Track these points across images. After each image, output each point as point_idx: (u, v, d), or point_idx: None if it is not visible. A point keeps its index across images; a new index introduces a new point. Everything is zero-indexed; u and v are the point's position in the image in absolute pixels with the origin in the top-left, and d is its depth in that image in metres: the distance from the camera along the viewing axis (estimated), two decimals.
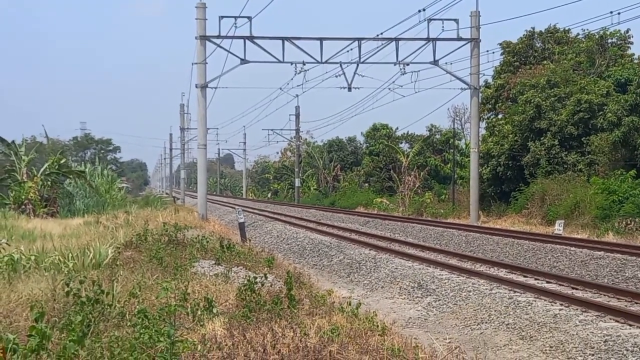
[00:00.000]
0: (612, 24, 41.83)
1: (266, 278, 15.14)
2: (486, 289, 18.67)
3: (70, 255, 18.48)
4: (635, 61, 48.47)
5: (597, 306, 15.72)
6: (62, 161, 50.24)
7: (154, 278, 15.59)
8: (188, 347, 9.74)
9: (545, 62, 52.83)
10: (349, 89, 46.45)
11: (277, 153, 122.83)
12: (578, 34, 53.89)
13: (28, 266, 17.28)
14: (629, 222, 33.89)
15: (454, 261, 24.92)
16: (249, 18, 43.29)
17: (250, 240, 32.12)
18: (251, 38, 43.70)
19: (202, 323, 11.52)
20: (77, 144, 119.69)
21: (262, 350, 9.88)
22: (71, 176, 50.74)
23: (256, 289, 13.53)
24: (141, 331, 9.93)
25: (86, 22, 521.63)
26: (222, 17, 43.77)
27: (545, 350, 13.37)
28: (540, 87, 46.28)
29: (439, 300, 18.48)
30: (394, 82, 48.24)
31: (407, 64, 45.27)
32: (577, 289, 18.76)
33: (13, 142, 49.66)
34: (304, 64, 45.02)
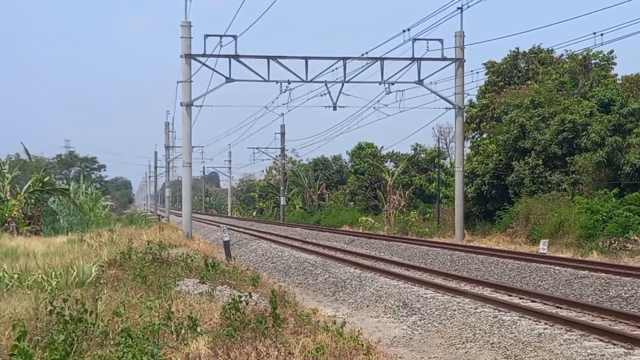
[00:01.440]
0: (595, 44, 42.01)
1: (251, 297, 15.08)
2: (471, 307, 18.66)
3: (53, 273, 18.38)
4: (619, 82, 48.76)
5: (581, 325, 15.74)
6: (45, 179, 50.06)
7: (138, 297, 15.52)
8: None
9: (529, 82, 53.11)
10: (334, 108, 46.53)
11: (263, 171, 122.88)
12: (562, 55, 54.27)
13: (11, 284, 17.17)
14: (612, 242, 34.01)
15: (439, 280, 24.92)
16: (234, 37, 43.38)
17: (235, 259, 32.03)
18: (236, 57, 43.75)
19: (186, 342, 11.47)
20: (61, 161, 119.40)
21: None
22: (55, 194, 50.55)
23: (241, 307, 13.48)
24: (125, 350, 9.88)
25: (70, 39, 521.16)
26: (208, 35, 43.84)
27: None
28: (524, 107, 46.49)
29: (424, 319, 18.46)
30: (379, 101, 48.42)
31: (392, 84, 45.43)
32: (561, 308, 18.78)
33: None
34: (289, 82, 45.11)
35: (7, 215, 44.33)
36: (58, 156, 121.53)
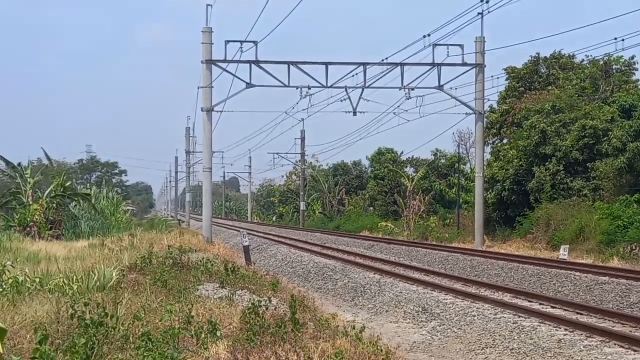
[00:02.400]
0: (616, 50, 41.84)
1: (270, 301, 15.13)
2: (490, 313, 18.63)
3: (74, 277, 18.48)
4: None
5: (601, 331, 15.68)
6: (67, 183, 50.35)
7: (158, 301, 15.59)
8: None
9: (549, 87, 52.94)
10: (354, 113, 46.60)
11: (282, 176, 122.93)
12: (583, 60, 54.06)
13: (32, 288, 17.28)
14: (633, 247, 33.82)
15: (458, 285, 24.88)
16: (255, 42, 43.53)
17: (254, 264, 32.09)
18: (257, 62, 43.88)
19: (205, 346, 11.52)
20: (83, 166, 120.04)
21: None
22: (76, 199, 50.82)
23: (260, 312, 13.52)
24: (145, 354, 9.94)
25: (90, 44, 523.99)
26: (228, 41, 44.03)
27: None
28: (545, 112, 46.34)
29: (444, 324, 18.44)
30: (399, 106, 48.43)
31: (412, 89, 45.45)
32: (581, 314, 18.71)
33: (19, 164, 49.81)
34: (309, 88, 45.24)
35: (29, 219, 44.61)
36: (79, 161, 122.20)
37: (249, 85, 44.61)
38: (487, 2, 38.92)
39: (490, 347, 15.72)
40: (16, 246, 33.38)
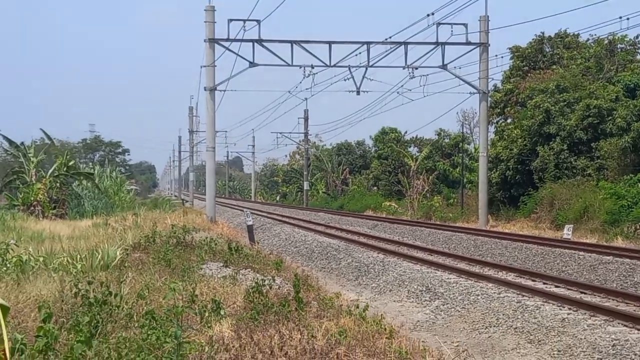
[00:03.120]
0: (621, 29, 41.67)
1: (274, 280, 15.14)
2: (494, 292, 18.63)
3: (78, 256, 18.52)
4: None
5: (605, 310, 15.68)
6: (70, 163, 50.37)
7: (162, 280, 15.62)
8: (195, 348, 9.75)
9: (554, 66, 52.75)
10: (358, 93, 46.52)
11: (286, 156, 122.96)
12: (587, 39, 53.83)
13: (36, 267, 17.31)
14: (637, 227, 33.78)
15: (462, 265, 24.89)
16: (258, 21, 43.38)
17: (258, 243, 32.13)
18: (260, 41, 43.75)
19: (209, 325, 11.53)
20: (86, 146, 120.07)
21: (269, 352, 9.89)
22: (80, 178, 50.85)
23: (264, 291, 13.54)
24: (149, 332, 9.94)
25: (94, 24, 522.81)
26: (231, 20, 43.89)
27: (553, 354, 13.34)
28: (549, 92, 46.20)
29: (447, 303, 18.45)
30: (402, 85, 48.34)
31: (416, 68, 45.32)
32: (585, 293, 18.71)
33: (22, 143, 49.83)
34: (312, 67, 45.10)
35: (32, 198, 44.69)
36: (83, 140, 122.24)
37: (252, 64, 44.50)
38: None
39: (494, 326, 15.73)
40: (20, 225, 33.45)
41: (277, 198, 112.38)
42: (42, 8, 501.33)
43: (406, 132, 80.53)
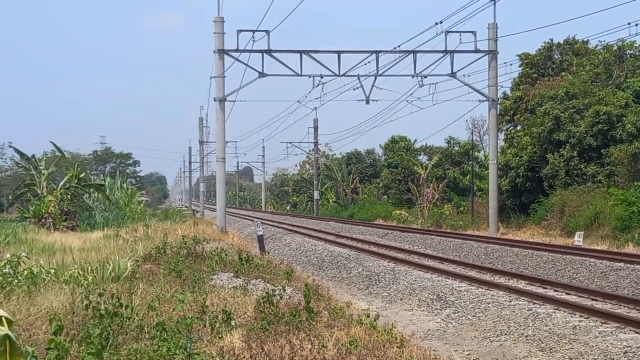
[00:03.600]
0: (630, 35, 41.66)
1: (285, 290, 15.15)
2: (505, 300, 18.60)
3: (89, 268, 18.56)
4: None
5: (617, 317, 15.64)
6: (81, 175, 50.52)
7: (173, 291, 15.64)
8: (206, 359, 9.76)
9: (563, 73, 52.71)
10: (367, 102, 46.51)
11: (296, 166, 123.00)
12: (596, 46, 53.79)
13: (48, 279, 17.36)
14: None
15: (473, 273, 24.85)
16: (267, 32, 43.45)
17: (269, 253, 32.14)
18: (269, 51, 43.84)
19: (220, 335, 11.55)
20: (97, 157, 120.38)
21: None
22: (91, 190, 50.99)
23: (274, 301, 13.55)
24: (159, 344, 9.98)
25: (104, 35, 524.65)
26: (240, 30, 43.96)
27: None
28: (558, 98, 46.15)
29: (458, 312, 18.43)
30: (411, 94, 48.42)
31: (425, 76, 45.32)
32: (596, 300, 18.66)
33: (33, 156, 50.03)
34: (321, 77, 45.15)
35: (44, 211, 44.83)
36: (94, 152, 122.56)
37: (262, 74, 44.58)
38: None
39: (505, 334, 15.70)
40: (31, 237, 33.56)
41: (288, 208, 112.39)
42: (49, 19, 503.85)
43: (416, 141, 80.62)
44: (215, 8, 57.47)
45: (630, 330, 14.62)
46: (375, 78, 45.39)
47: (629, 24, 36.57)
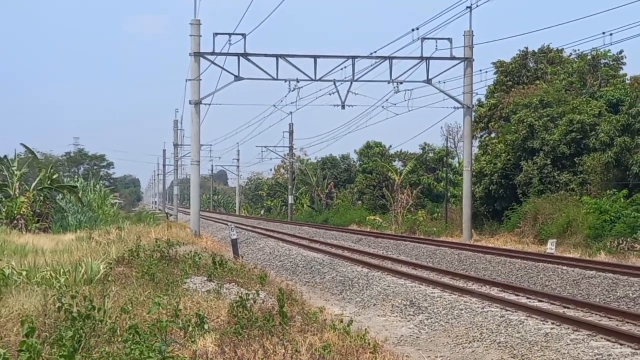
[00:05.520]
0: (604, 44, 41.90)
1: (258, 295, 15.13)
2: (478, 307, 18.67)
3: (62, 270, 18.43)
4: (628, 82, 48.64)
5: (588, 325, 15.74)
6: (54, 176, 50.13)
7: (146, 294, 15.57)
8: None
9: (538, 81, 53.01)
10: (343, 107, 46.52)
11: (271, 170, 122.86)
12: (571, 54, 54.17)
13: (19, 281, 17.21)
14: (620, 242, 33.92)
15: (446, 279, 24.93)
16: (243, 35, 43.41)
17: (242, 257, 32.07)
18: (245, 55, 43.78)
19: (193, 339, 11.51)
20: (70, 159, 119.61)
21: None
22: (63, 191, 50.63)
23: (248, 305, 13.52)
24: (132, 347, 9.92)
25: (78, 37, 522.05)
26: (217, 34, 43.87)
27: None
28: (532, 106, 46.41)
29: (431, 318, 18.48)
30: (387, 100, 48.41)
31: (401, 82, 45.44)
32: (568, 308, 18.78)
33: (5, 157, 49.59)
34: (297, 81, 45.11)
35: (15, 212, 44.42)
36: (67, 154, 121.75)
37: (238, 78, 44.51)
38: None
39: (478, 340, 15.76)
40: (3, 239, 33.23)
41: (262, 212, 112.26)
42: (25, 20, 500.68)
43: (390, 146, 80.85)
44: (192, 10, 57.21)
45: (601, 338, 14.71)
46: (351, 83, 45.49)
47: (603, 33, 36.89)
